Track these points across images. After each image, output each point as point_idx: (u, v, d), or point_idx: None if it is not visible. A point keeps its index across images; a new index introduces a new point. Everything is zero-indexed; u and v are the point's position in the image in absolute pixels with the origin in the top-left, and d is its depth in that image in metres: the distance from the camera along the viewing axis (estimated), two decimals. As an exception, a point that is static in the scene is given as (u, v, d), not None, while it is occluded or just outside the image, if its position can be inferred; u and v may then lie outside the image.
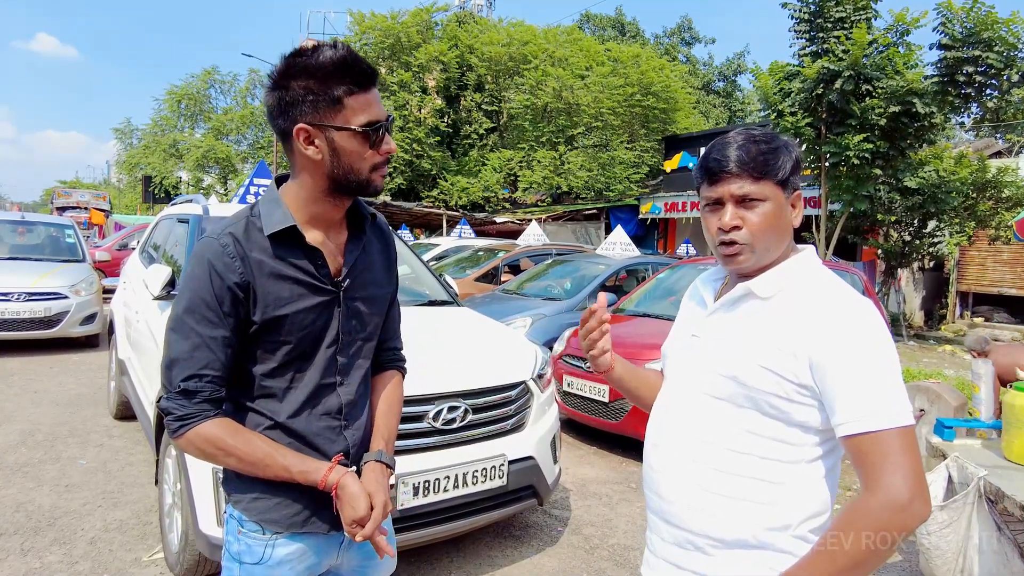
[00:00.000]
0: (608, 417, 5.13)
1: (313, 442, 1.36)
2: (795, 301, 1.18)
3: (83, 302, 7.93)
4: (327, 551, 1.44)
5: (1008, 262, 14.53)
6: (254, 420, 1.35)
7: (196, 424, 1.26)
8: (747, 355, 1.18)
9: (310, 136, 1.24)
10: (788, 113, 11.28)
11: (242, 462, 1.28)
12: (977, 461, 2.89)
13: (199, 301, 1.25)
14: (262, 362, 1.33)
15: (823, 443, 1.18)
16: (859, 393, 1.08)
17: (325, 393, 1.38)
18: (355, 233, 1.41)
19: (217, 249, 1.26)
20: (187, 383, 1.25)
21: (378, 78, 1.31)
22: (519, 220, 19.48)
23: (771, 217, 1.20)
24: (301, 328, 1.32)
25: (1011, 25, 9.69)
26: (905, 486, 1.04)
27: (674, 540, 1.25)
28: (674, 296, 6.67)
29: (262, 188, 5.57)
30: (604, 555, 3.46)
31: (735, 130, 1.26)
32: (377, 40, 23.20)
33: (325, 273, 1.34)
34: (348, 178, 1.28)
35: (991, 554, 2.69)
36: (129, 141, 36.71)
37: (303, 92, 1.22)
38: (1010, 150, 18.62)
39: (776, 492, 1.17)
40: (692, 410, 1.26)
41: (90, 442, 4.74)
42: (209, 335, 1.25)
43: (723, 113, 35.06)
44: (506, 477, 2.94)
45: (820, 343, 1.11)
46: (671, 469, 1.26)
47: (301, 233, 1.30)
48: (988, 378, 3.26)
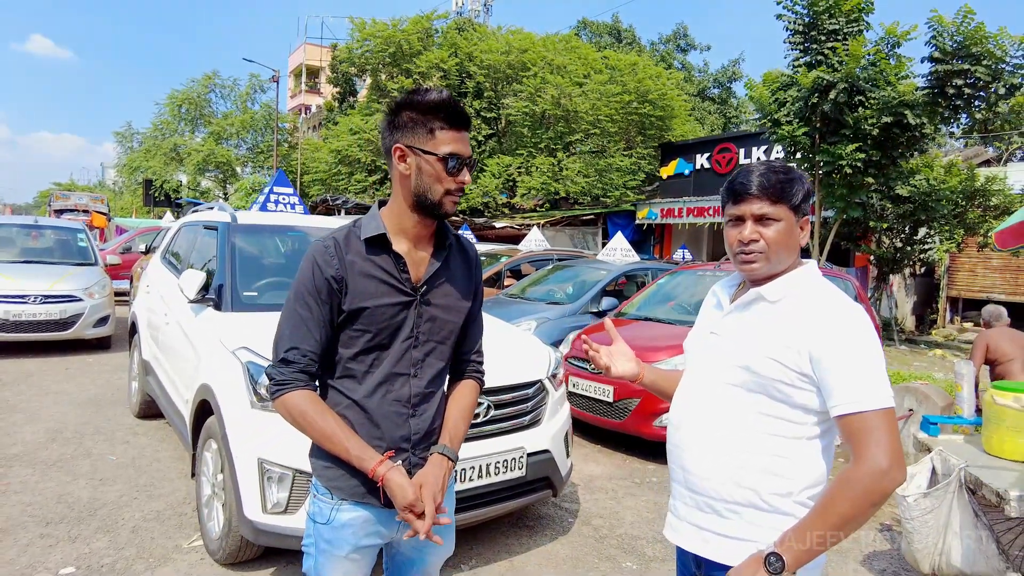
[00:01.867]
0: (612, 416, 5.36)
1: (380, 423, 1.57)
2: (798, 305, 1.44)
3: (96, 304, 8.13)
4: (387, 524, 1.63)
5: (997, 268, 14.87)
6: (335, 398, 1.59)
7: (289, 390, 1.52)
8: (758, 348, 1.43)
9: (404, 155, 1.54)
10: (784, 122, 11.56)
11: (315, 433, 1.52)
12: (959, 454, 3.14)
13: (303, 290, 1.53)
14: (348, 346, 1.57)
15: (820, 423, 1.43)
16: (849, 381, 1.33)
17: (398, 381, 1.59)
18: (439, 250, 1.65)
19: (321, 249, 1.55)
20: (287, 354, 1.53)
21: (470, 124, 1.58)
22: (518, 225, 19.73)
23: (783, 234, 1.46)
24: (381, 320, 1.55)
25: (999, 39, 9.99)
26: (885, 456, 1.28)
27: (695, 505, 1.51)
28: (674, 301, 6.91)
29: (282, 196, 5.79)
30: (613, 544, 3.69)
31: (759, 161, 1.55)
32: (378, 47, 23.44)
33: (406, 278, 1.58)
34: (426, 196, 1.54)
35: (968, 538, 2.93)
36: (129, 144, 36.89)
37: (408, 120, 1.53)
38: (999, 158, 19.00)
39: (781, 464, 1.42)
40: (711, 395, 1.51)
41: (116, 439, 4.94)
42: (308, 316, 1.52)
43: (718, 120, 35.40)
44: (525, 468, 3.17)
45: (818, 340, 1.36)
46: (693, 444, 1.51)
47: (389, 240, 1.57)
48: (969, 378, 3.51)
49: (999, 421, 3.08)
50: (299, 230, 4.66)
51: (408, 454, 1.61)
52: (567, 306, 7.58)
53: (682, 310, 6.65)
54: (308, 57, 41.04)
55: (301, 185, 25.79)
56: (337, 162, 23.11)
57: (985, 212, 12.09)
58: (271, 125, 29.87)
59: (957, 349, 12.93)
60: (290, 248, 4.52)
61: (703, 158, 20.01)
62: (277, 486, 2.76)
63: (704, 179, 19.93)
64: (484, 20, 34.04)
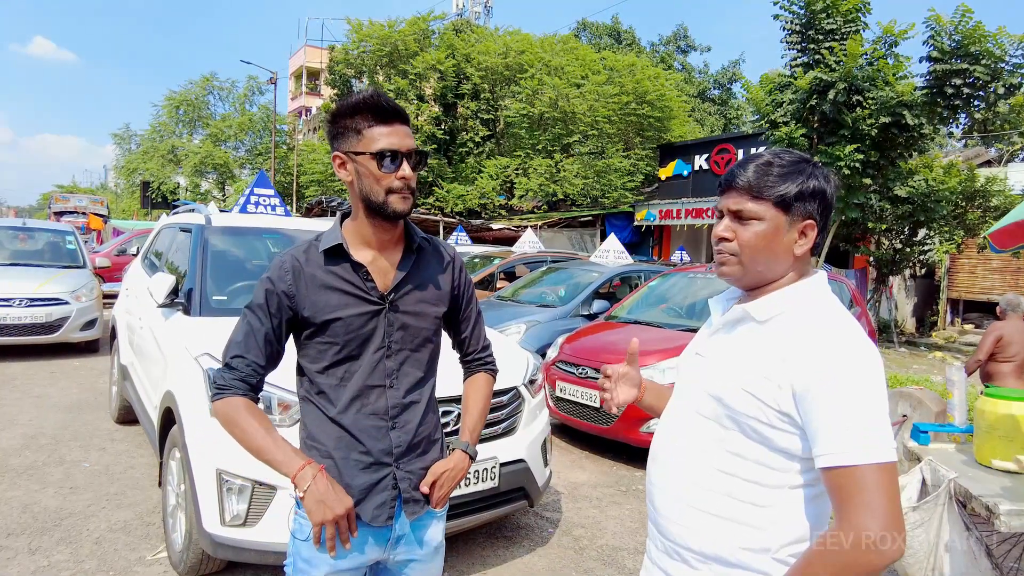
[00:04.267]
0: (599, 422, 5.25)
1: (359, 437, 1.54)
2: (788, 329, 1.19)
3: (83, 308, 8.04)
4: (374, 542, 1.56)
5: (997, 270, 14.73)
6: (314, 413, 1.57)
7: (226, 396, 1.50)
8: (733, 377, 1.21)
9: (343, 162, 1.52)
10: (781, 123, 11.46)
11: (242, 440, 1.48)
12: (950, 464, 3.02)
13: (256, 302, 1.54)
14: (316, 361, 1.55)
15: (807, 471, 1.18)
16: (839, 427, 1.08)
17: (373, 394, 1.55)
18: (407, 255, 1.61)
19: (277, 264, 1.56)
20: (232, 360, 1.52)
21: (403, 116, 1.51)
22: (515, 227, 19.63)
23: (762, 236, 1.23)
24: (347, 332, 1.52)
25: (998, 39, 9.88)
26: (876, 524, 1.04)
27: (664, 550, 1.32)
28: (665, 304, 6.80)
29: (262, 197, 5.70)
30: (593, 555, 3.57)
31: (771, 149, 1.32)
32: (375, 48, 23.37)
33: (371, 286, 1.54)
34: (370, 199, 1.50)
35: (960, 553, 2.81)
36: (128, 146, 36.89)
37: (340, 127, 1.51)
38: (1000, 159, 18.85)
39: (759, 515, 1.19)
40: (685, 427, 1.30)
41: (93, 446, 4.84)
42: (258, 328, 1.52)
43: (718, 121, 35.28)
44: (497, 479, 3.06)
45: (805, 374, 1.12)
46: (663, 483, 1.32)
47: (347, 251, 1.54)
48: (961, 385, 3.40)
49: (991, 430, 2.97)
50: (277, 232, 4.56)
51: (392, 468, 1.56)
52: (558, 309, 7.47)
53: (673, 313, 6.54)
54: (308, 59, 40.98)
55: (298, 186, 25.72)
56: (334, 164, 23.00)
57: (985, 213, 11.97)
58: (269, 127, 29.83)
59: (958, 351, 12.80)
60: (267, 250, 4.42)
61: (702, 159, 19.89)
62: (236, 497, 2.66)
63: (703, 180, 19.80)
64: (485, 21, 33.99)
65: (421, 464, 1.60)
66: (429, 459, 1.63)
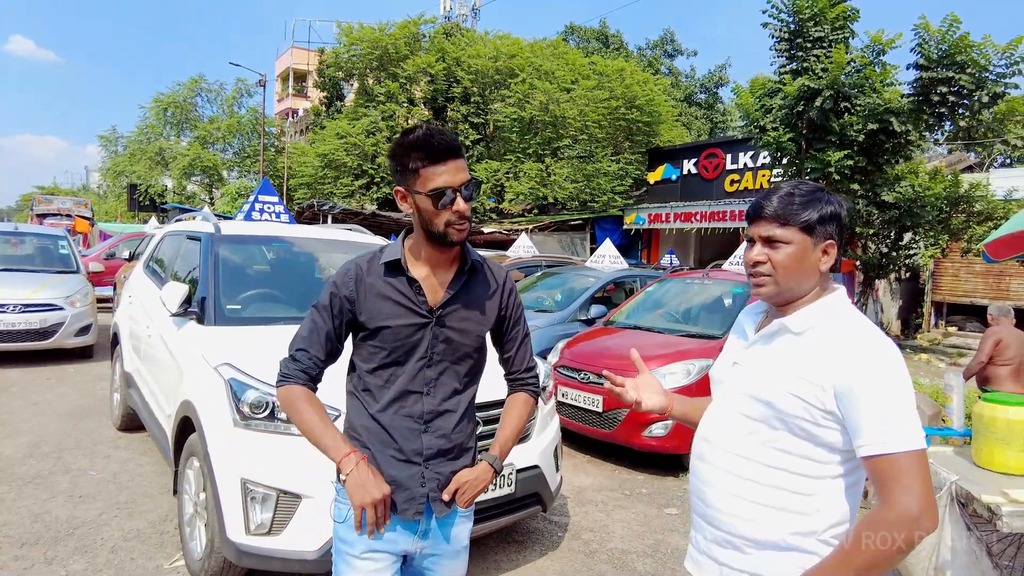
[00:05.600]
0: (602, 427, 5.33)
1: (393, 435, 1.67)
2: (824, 337, 1.37)
3: (78, 313, 7.99)
4: (404, 533, 1.68)
5: (980, 273, 15.02)
6: (358, 407, 1.71)
7: (288, 383, 1.66)
8: (779, 383, 1.37)
9: (404, 196, 1.66)
10: (770, 129, 11.62)
11: (299, 423, 1.64)
12: (949, 467, 3.13)
13: (322, 302, 1.69)
14: (367, 361, 1.69)
15: (846, 462, 1.36)
16: (878, 420, 1.26)
17: (411, 399, 1.68)
18: (459, 275, 1.72)
19: (344, 270, 1.71)
20: (296, 352, 1.68)
21: (455, 150, 1.61)
22: (506, 231, 19.69)
23: (792, 258, 1.41)
24: (395, 339, 1.66)
25: (983, 48, 10.09)
26: (915, 503, 1.22)
27: (715, 540, 1.47)
28: (662, 309, 6.90)
29: (267, 204, 5.71)
30: (603, 559, 3.64)
31: (791, 181, 1.49)
32: (365, 51, 23.36)
33: (422, 300, 1.67)
34: (430, 230, 1.63)
35: (962, 553, 2.91)
36: (114, 148, 36.48)
37: (398, 164, 1.63)
38: (981, 164, 19.22)
39: (805, 503, 1.36)
40: (732, 429, 1.47)
41: (97, 453, 4.84)
42: (321, 326, 1.68)
43: (705, 125, 35.59)
44: (514, 485, 3.12)
45: (844, 375, 1.30)
46: (714, 480, 1.47)
47: (404, 266, 1.68)
48: (959, 389, 3.51)
49: (989, 433, 3.08)
50: (284, 240, 4.59)
51: (420, 467, 1.67)
52: (556, 314, 7.54)
53: (671, 318, 6.63)
54: (295, 61, 40.84)
55: (287, 189, 25.61)
56: (323, 166, 22.97)
57: (969, 218, 12.20)
58: (258, 129, 29.66)
59: (942, 353, 13.04)
60: (275, 259, 4.45)
61: (690, 163, 20.09)
62: (261, 507, 2.69)
63: (691, 184, 20.00)
64: (472, 24, 34.03)
65: (451, 468, 1.71)
66: (459, 465, 1.73)
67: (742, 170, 18.62)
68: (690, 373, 5.26)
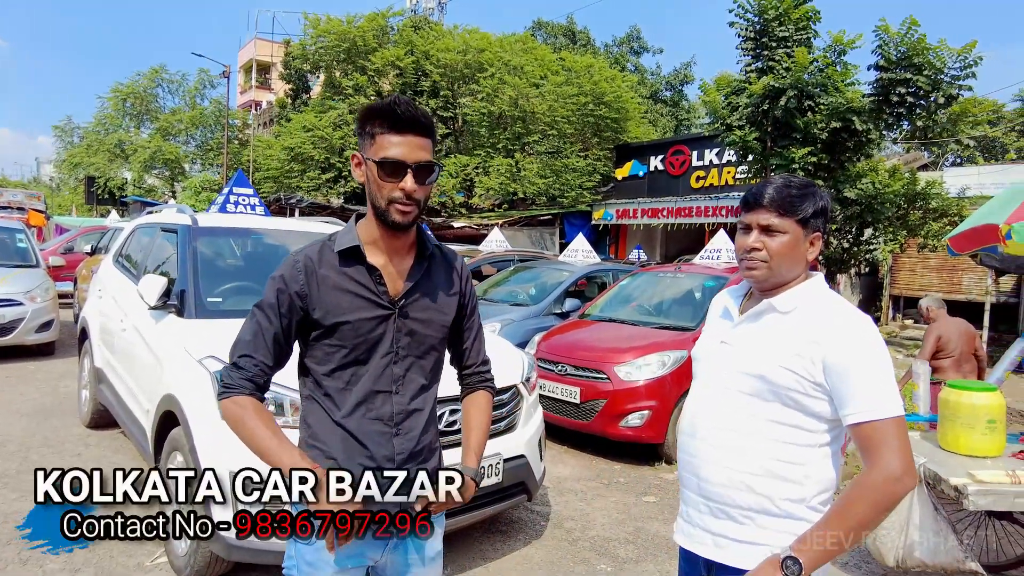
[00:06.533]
0: (579, 418, 5.40)
1: (363, 441, 1.53)
2: (810, 316, 1.48)
3: (39, 309, 7.74)
4: (372, 545, 1.55)
5: (934, 268, 15.59)
6: (319, 414, 1.56)
7: (233, 395, 1.48)
8: (772, 358, 1.47)
9: (359, 162, 1.54)
10: (736, 126, 11.86)
11: (248, 441, 1.47)
12: (917, 451, 3.27)
13: (267, 301, 1.52)
14: (323, 363, 1.54)
15: (831, 431, 1.49)
16: (863, 390, 1.39)
17: (379, 399, 1.55)
18: (419, 262, 1.61)
19: (291, 263, 1.54)
20: (240, 360, 1.50)
21: (421, 127, 1.48)
22: (476, 225, 19.69)
23: (787, 247, 1.51)
24: (356, 335, 1.52)
25: (939, 52, 10.47)
26: (899, 463, 1.35)
27: (710, 511, 1.54)
28: (636, 302, 7.01)
29: (242, 197, 5.63)
30: (586, 546, 3.71)
31: (782, 175, 1.58)
32: (332, 44, 23.03)
33: (383, 291, 1.54)
34: (375, 204, 1.52)
35: (929, 531, 3.05)
36: (70, 139, 35.23)
37: (360, 129, 1.53)
38: (935, 163, 19.92)
39: (795, 470, 1.47)
40: (725, 404, 1.54)
41: (66, 451, 4.72)
42: (267, 327, 1.51)
43: (670, 122, 36.01)
44: (501, 474, 3.16)
45: (832, 350, 1.41)
46: (708, 453, 1.54)
47: (363, 252, 1.54)
48: (925, 377, 3.67)
49: (955, 417, 3.23)
50: (261, 233, 4.54)
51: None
52: (531, 307, 7.60)
53: (645, 311, 6.74)
54: (259, 52, 39.99)
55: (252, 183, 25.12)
56: (290, 159, 22.61)
57: (925, 215, 12.65)
58: (221, 122, 29.00)
59: (899, 345, 13.49)
60: (253, 251, 4.40)
61: (657, 160, 20.36)
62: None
63: (658, 181, 20.28)
64: (438, 18, 33.82)
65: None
66: (429, 467, 1.60)
67: (708, 167, 18.96)
68: (665, 364, 5.36)
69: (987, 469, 2.97)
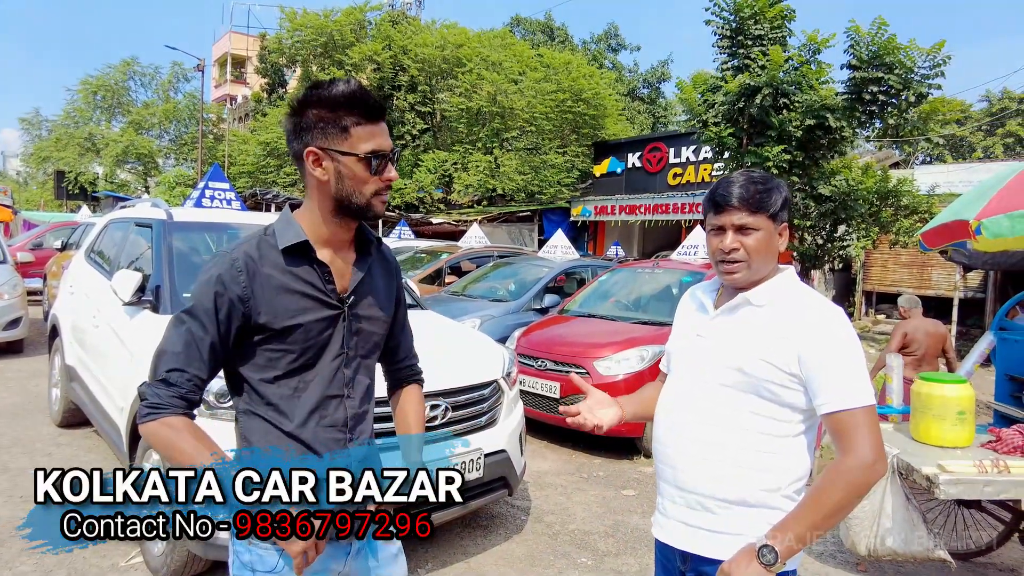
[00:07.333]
0: (559, 412, 5.41)
1: (319, 452, 1.42)
2: (784, 309, 1.50)
3: (6, 306, 7.55)
4: (334, 556, 1.48)
5: (905, 264, 15.91)
6: (264, 428, 1.41)
7: (163, 415, 1.30)
8: (749, 350, 1.49)
9: (319, 159, 1.36)
10: (712, 124, 11.97)
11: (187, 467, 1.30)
12: (890, 442, 3.34)
13: (201, 307, 1.34)
14: (265, 370, 1.40)
15: (805, 420, 1.51)
16: (836, 381, 1.42)
17: (332, 404, 1.45)
18: (361, 256, 1.51)
19: (228, 263, 1.36)
20: (170, 375, 1.32)
21: (384, 112, 1.41)
22: (455, 221, 19.64)
23: (762, 243, 1.51)
24: (306, 339, 1.40)
25: (909, 51, 10.67)
26: (871, 450, 1.38)
27: (685, 503, 1.55)
28: (615, 297, 7.06)
29: (217, 191, 5.55)
30: (566, 540, 3.73)
31: (738, 172, 1.57)
32: (309, 38, 22.79)
33: (332, 289, 1.43)
34: (351, 200, 1.39)
35: (901, 521, 3.12)
36: (37, 132, 34.39)
37: (316, 119, 1.35)
38: (906, 160, 20.30)
39: (770, 460, 1.49)
40: (701, 396, 1.55)
41: (37, 451, 4.62)
42: (202, 337, 1.33)
43: (647, 119, 36.22)
44: (482, 469, 3.17)
45: (806, 342, 1.44)
46: (685, 444, 1.55)
47: (312, 248, 1.40)
48: (899, 370, 3.74)
49: (927, 409, 3.30)
50: (237, 228, 4.47)
51: None
52: (510, 303, 7.60)
53: (623, 307, 6.79)
54: (234, 46, 39.40)
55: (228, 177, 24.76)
56: (266, 154, 22.36)
57: (897, 212, 12.89)
58: (195, 116, 28.51)
59: (872, 340, 13.75)
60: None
61: (635, 157, 20.47)
62: (228, 497, 2.64)
63: (635, 178, 20.39)
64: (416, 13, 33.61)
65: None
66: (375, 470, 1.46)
67: (684, 164, 19.11)
68: (643, 359, 5.41)
69: (957, 459, 3.04)
